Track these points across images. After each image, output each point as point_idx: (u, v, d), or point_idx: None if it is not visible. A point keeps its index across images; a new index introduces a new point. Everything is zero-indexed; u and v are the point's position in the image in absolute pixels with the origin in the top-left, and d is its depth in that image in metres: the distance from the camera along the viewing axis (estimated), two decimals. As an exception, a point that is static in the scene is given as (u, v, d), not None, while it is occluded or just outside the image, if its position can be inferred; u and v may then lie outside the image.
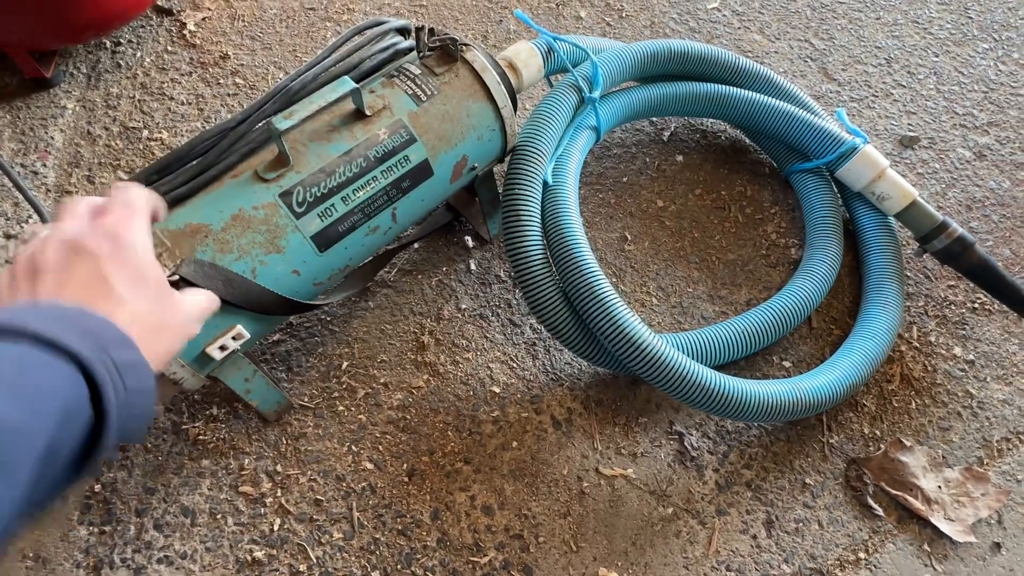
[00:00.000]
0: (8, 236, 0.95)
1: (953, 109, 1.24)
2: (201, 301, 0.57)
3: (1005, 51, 1.34)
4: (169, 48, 1.18)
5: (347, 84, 0.67)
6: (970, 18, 1.39)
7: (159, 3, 1.21)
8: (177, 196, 0.64)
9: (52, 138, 1.05)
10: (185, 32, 1.19)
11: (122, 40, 1.17)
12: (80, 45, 1.14)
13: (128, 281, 0.45)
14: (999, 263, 0.95)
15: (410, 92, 0.75)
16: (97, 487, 0.78)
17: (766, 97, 1.02)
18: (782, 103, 1.01)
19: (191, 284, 0.60)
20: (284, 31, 1.22)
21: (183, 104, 1.11)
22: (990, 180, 1.15)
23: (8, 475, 0.32)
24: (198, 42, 1.19)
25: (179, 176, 0.65)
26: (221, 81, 1.14)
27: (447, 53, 0.78)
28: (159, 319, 0.48)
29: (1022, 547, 0.83)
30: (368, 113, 0.72)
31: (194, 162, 0.66)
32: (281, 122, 0.64)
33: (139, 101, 1.11)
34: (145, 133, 1.07)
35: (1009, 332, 0.99)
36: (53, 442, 0.33)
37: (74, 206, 0.49)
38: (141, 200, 0.52)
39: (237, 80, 1.14)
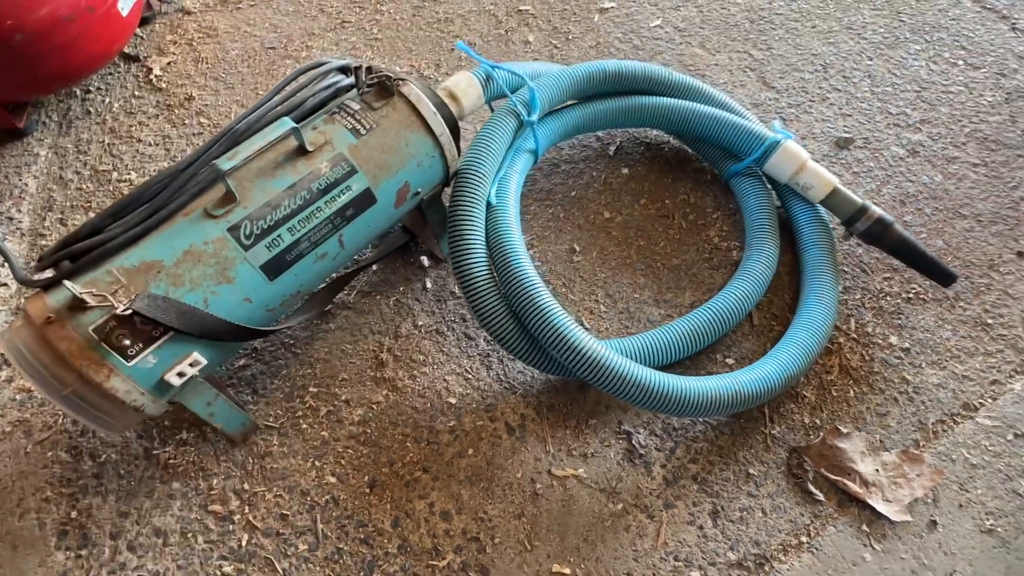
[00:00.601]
0: (-15, 280, 1.01)
1: (887, 109, 1.30)
2: None
3: (936, 51, 1.41)
4: (136, 93, 1.24)
5: (286, 124, 0.73)
6: (902, 21, 1.46)
7: (126, 51, 1.28)
8: (131, 236, 0.69)
9: (26, 184, 1.11)
10: (151, 77, 1.26)
11: (92, 88, 1.24)
12: (52, 95, 1.20)
13: None
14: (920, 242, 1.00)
15: (350, 127, 0.81)
16: (73, 513, 0.83)
17: (694, 104, 1.08)
18: (709, 108, 1.08)
19: (145, 318, 0.65)
20: (246, 71, 1.28)
21: (150, 145, 1.17)
22: (923, 175, 1.21)
23: None
24: (164, 85, 1.25)
25: (134, 217, 0.70)
26: (187, 121, 1.20)
27: (384, 88, 0.84)
28: None
29: (956, 523, 0.87)
30: (310, 149, 0.77)
31: (146, 204, 0.71)
32: (225, 163, 0.69)
33: (108, 145, 1.16)
34: (115, 175, 1.13)
35: (943, 319, 1.04)
36: None
37: None
38: None
39: (202, 120, 1.20)
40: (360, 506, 0.85)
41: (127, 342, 0.66)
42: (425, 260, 1.05)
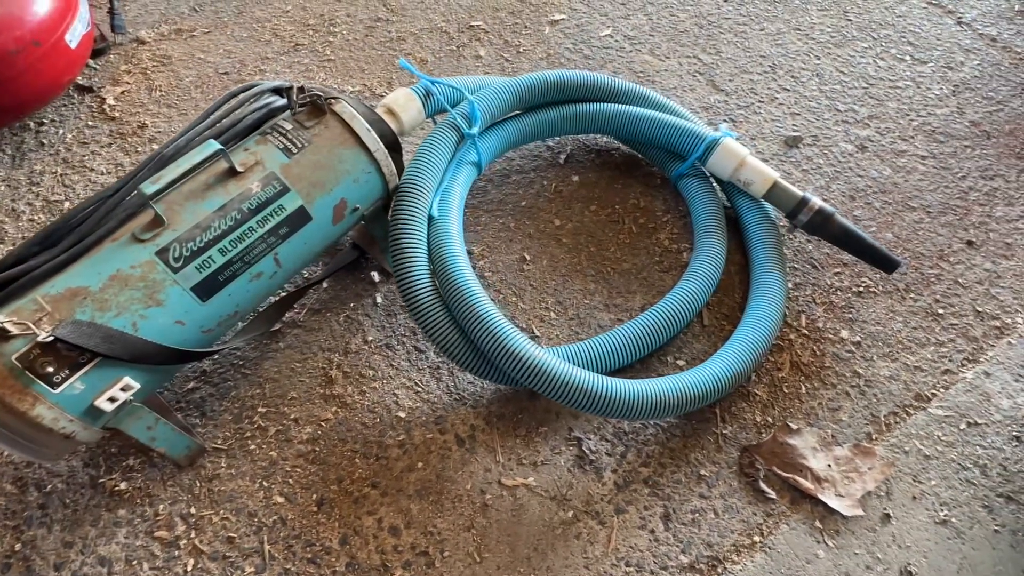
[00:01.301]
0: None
1: (835, 107, 1.32)
2: None
3: (883, 48, 1.43)
4: (90, 123, 1.25)
5: (212, 146, 0.74)
6: (849, 20, 1.49)
7: (80, 81, 1.29)
8: (56, 264, 0.69)
9: (-22, 218, 1.11)
10: (105, 106, 1.27)
11: (45, 120, 1.25)
12: (3, 128, 1.21)
13: None
14: (864, 232, 1.01)
15: (281, 146, 0.81)
16: (17, 546, 0.82)
17: (634, 108, 1.09)
18: (648, 111, 1.09)
19: (69, 344, 0.65)
20: (199, 96, 1.29)
21: (103, 174, 1.17)
22: (872, 170, 1.22)
23: None
24: (118, 114, 1.26)
25: (61, 245, 0.70)
26: (139, 149, 1.21)
27: (316, 107, 0.85)
28: None
29: (910, 515, 0.87)
30: (240, 169, 0.78)
31: (74, 231, 0.72)
32: (148, 187, 0.70)
33: (61, 175, 1.17)
34: (66, 204, 1.13)
35: (894, 311, 1.05)
36: None
37: None
38: None
39: (154, 146, 1.21)
40: (308, 525, 0.84)
41: (50, 369, 0.66)
42: (375, 275, 1.05)
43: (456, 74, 1.34)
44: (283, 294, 0.99)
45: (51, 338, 0.64)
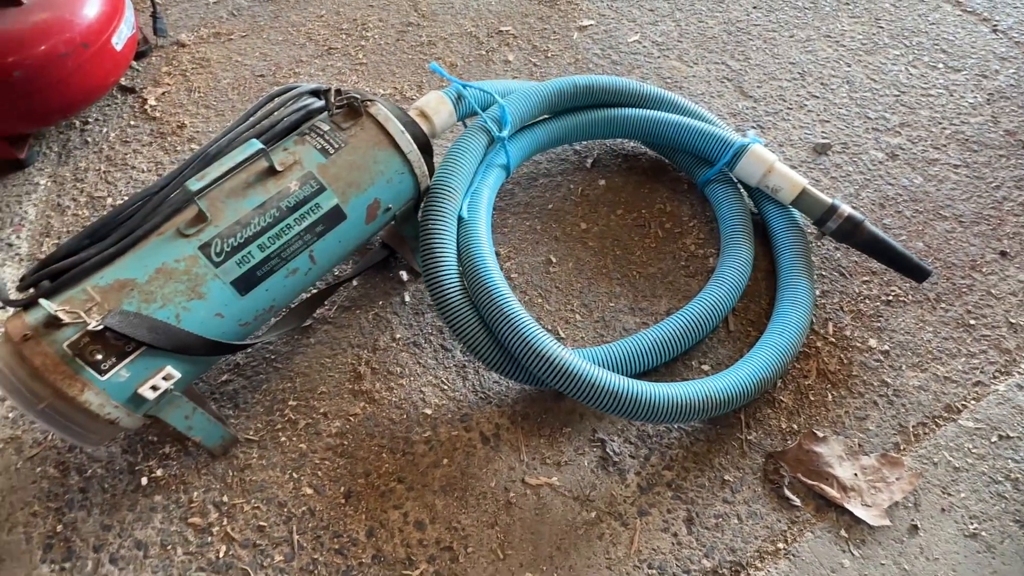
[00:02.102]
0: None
1: (866, 114, 1.31)
2: None
3: (916, 55, 1.41)
4: (132, 122, 1.29)
5: (254, 145, 0.76)
6: (881, 27, 1.47)
7: (123, 83, 1.34)
8: (106, 257, 0.72)
9: (26, 212, 1.16)
10: (146, 107, 1.31)
11: (90, 119, 1.29)
12: (51, 127, 1.26)
13: None
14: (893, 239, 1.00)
15: (319, 146, 0.84)
16: (59, 527, 0.85)
17: (662, 113, 1.10)
18: (677, 116, 1.10)
19: (117, 333, 0.68)
20: (236, 98, 1.33)
21: (144, 172, 1.21)
22: (902, 178, 1.21)
23: None
24: (158, 115, 1.30)
25: (109, 239, 0.74)
26: (178, 148, 1.25)
27: (353, 109, 0.87)
28: None
29: (939, 528, 0.85)
30: (280, 169, 0.81)
31: (122, 225, 0.75)
32: (194, 183, 0.73)
33: (104, 172, 1.22)
34: (109, 200, 1.17)
35: (924, 321, 1.03)
36: None
37: None
38: None
39: (193, 146, 1.25)
40: (336, 517, 0.86)
41: (100, 357, 0.68)
42: (404, 275, 1.07)
43: (485, 78, 1.36)
44: (314, 291, 1.02)
45: (101, 327, 0.67)
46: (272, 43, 1.44)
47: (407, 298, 1.05)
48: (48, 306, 0.67)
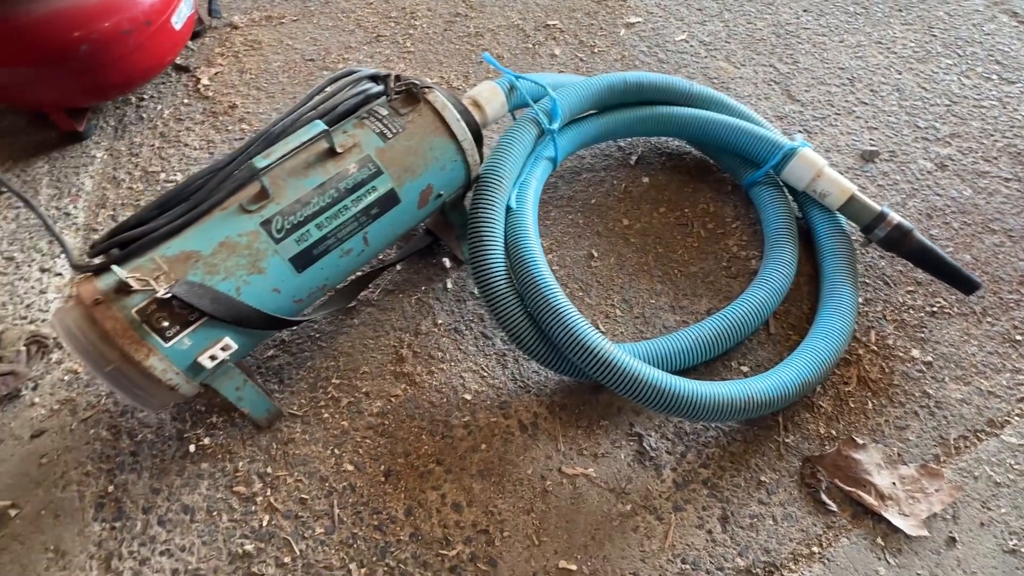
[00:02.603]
0: (43, 269, 1.09)
1: (915, 123, 1.29)
2: None
3: (969, 65, 1.39)
4: (186, 101, 1.32)
5: (318, 127, 0.78)
6: (934, 36, 1.45)
7: (178, 62, 1.37)
8: (173, 228, 0.74)
9: (83, 183, 1.19)
10: (200, 86, 1.34)
11: (145, 95, 1.33)
12: (109, 102, 1.30)
13: None
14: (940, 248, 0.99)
15: (377, 131, 0.85)
16: (110, 487, 0.88)
17: (711, 113, 1.10)
18: (726, 117, 1.09)
19: (182, 302, 0.70)
20: (286, 80, 1.36)
21: (196, 149, 1.24)
22: (951, 189, 1.19)
23: None
24: (211, 94, 1.33)
25: (176, 211, 0.76)
26: (230, 128, 1.28)
27: (411, 95, 0.88)
28: None
29: (977, 541, 0.85)
30: (339, 151, 0.82)
31: (189, 199, 0.77)
32: (260, 161, 0.75)
33: (158, 148, 1.25)
34: (163, 176, 1.21)
35: (969, 334, 1.02)
36: None
37: None
38: None
39: (243, 126, 1.28)
40: (375, 494, 0.88)
41: (165, 324, 0.71)
42: (447, 262, 1.09)
43: (531, 71, 1.37)
44: (359, 273, 1.04)
45: (168, 295, 0.69)
46: (322, 28, 1.46)
47: (449, 285, 1.07)
48: (119, 272, 0.69)
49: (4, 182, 0.73)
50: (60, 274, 1.08)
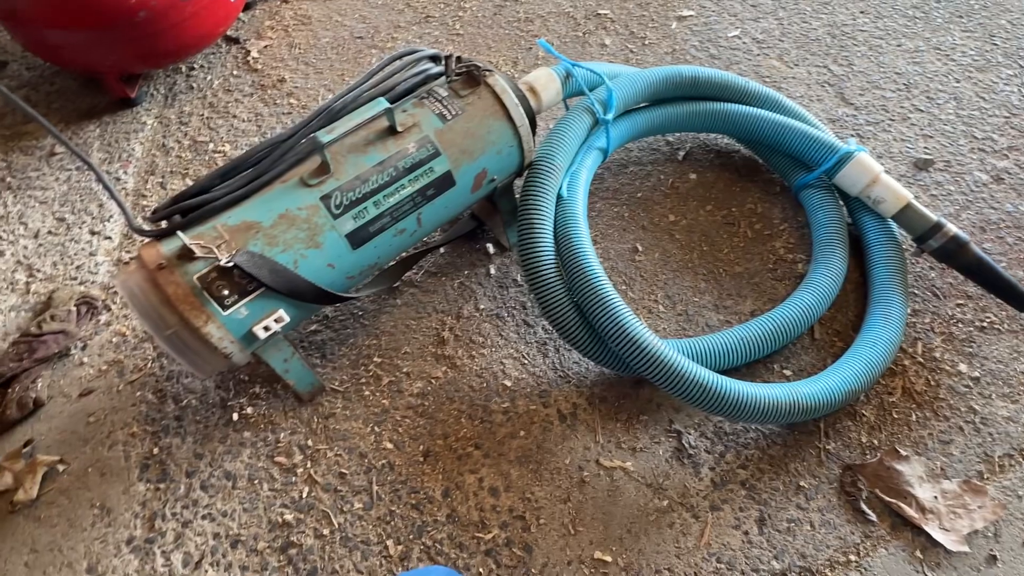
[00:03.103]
0: (94, 232, 1.10)
1: (972, 133, 1.26)
2: None
3: (1031, 77, 1.35)
4: (235, 72, 1.33)
5: (381, 104, 0.78)
6: (995, 44, 1.41)
7: (229, 33, 1.37)
8: (235, 197, 0.75)
9: (133, 149, 1.21)
10: (249, 58, 1.34)
11: (196, 65, 1.33)
12: (160, 70, 1.30)
13: None
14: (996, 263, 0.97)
15: (437, 111, 0.85)
16: (155, 449, 0.90)
17: (767, 112, 1.08)
18: (782, 117, 1.07)
19: (244, 270, 0.71)
20: (335, 57, 1.35)
21: (244, 121, 1.25)
22: (1007, 203, 1.17)
23: None
24: (260, 67, 1.33)
25: (238, 180, 0.76)
26: (278, 101, 1.28)
27: (472, 77, 0.88)
28: None
29: (1018, 561, 0.84)
30: (399, 129, 0.82)
31: (250, 169, 0.77)
32: (324, 136, 0.75)
33: (207, 118, 1.25)
34: (211, 146, 1.21)
35: (1019, 352, 1.00)
36: None
37: None
38: None
39: (291, 100, 1.28)
40: (413, 473, 0.88)
41: (225, 292, 0.71)
42: (490, 247, 1.09)
43: (580, 60, 1.35)
44: (405, 254, 1.04)
45: (231, 264, 0.70)
46: (372, 6, 1.45)
47: (492, 271, 1.07)
48: (184, 238, 0.70)
49: (68, 144, 0.74)
50: (109, 238, 1.10)
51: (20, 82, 1.28)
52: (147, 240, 0.74)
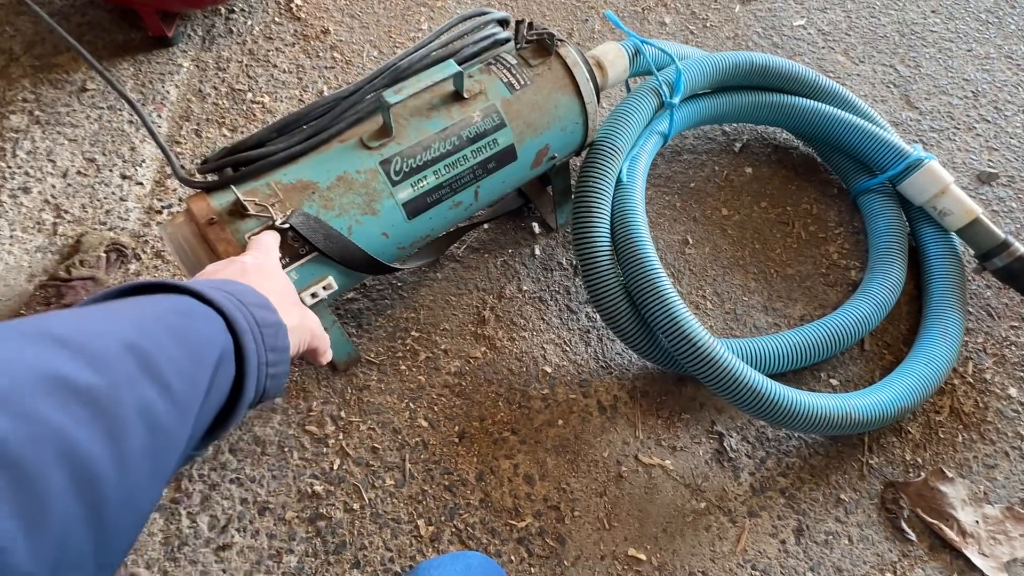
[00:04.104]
0: (124, 176, 1.06)
1: (1039, 149, 1.21)
2: (316, 323, 0.56)
3: (1103, 96, 1.30)
4: (276, 19, 1.26)
5: (451, 67, 0.73)
6: (1069, 58, 1.35)
7: (271, -23, 1.30)
8: (292, 154, 0.71)
9: (167, 92, 1.15)
10: (292, 5, 1.28)
11: (236, 8, 1.27)
12: (200, 10, 1.24)
13: (272, 290, 0.46)
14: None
15: (505, 80, 0.80)
16: (183, 409, 0.87)
17: (836, 109, 1.03)
18: (852, 116, 1.03)
19: (298, 233, 0.67)
20: (382, 12, 1.29)
21: (285, 72, 1.19)
22: (1070, 225, 1.13)
23: (181, 419, 0.31)
24: (303, 16, 1.27)
25: (295, 136, 0.72)
26: (320, 54, 1.22)
27: (543, 47, 0.83)
28: (297, 317, 0.49)
29: (1057, 592, 0.82)
30: (465, 96, 0.77)
31: (308, 125, 0.73)
32: (391, 96, 0.70)
33: (246, 66, 1.20)
34: (249, 96, 1.16)
35: (1070, 380, 0.98)
36: (209, 390, 0.33)
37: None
38: (273, 242, 0.62)
39: (335, 55, 1.22)
40: (448, 454, 0.86)
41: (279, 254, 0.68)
42: (536, 227, 1.05)
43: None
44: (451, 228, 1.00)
45: (286, 225, 0.66)
46: (422, -39, 1.38)
47: (537, 252, 1.03)
48: (239, 194, 0.66)
49: (112, 83, 0.69)
50: (141, 183, 1.05)
51: (50, 10, 1.22)
52: (195, 192, 0.70)
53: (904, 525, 0.85)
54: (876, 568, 0.83)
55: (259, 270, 0.51)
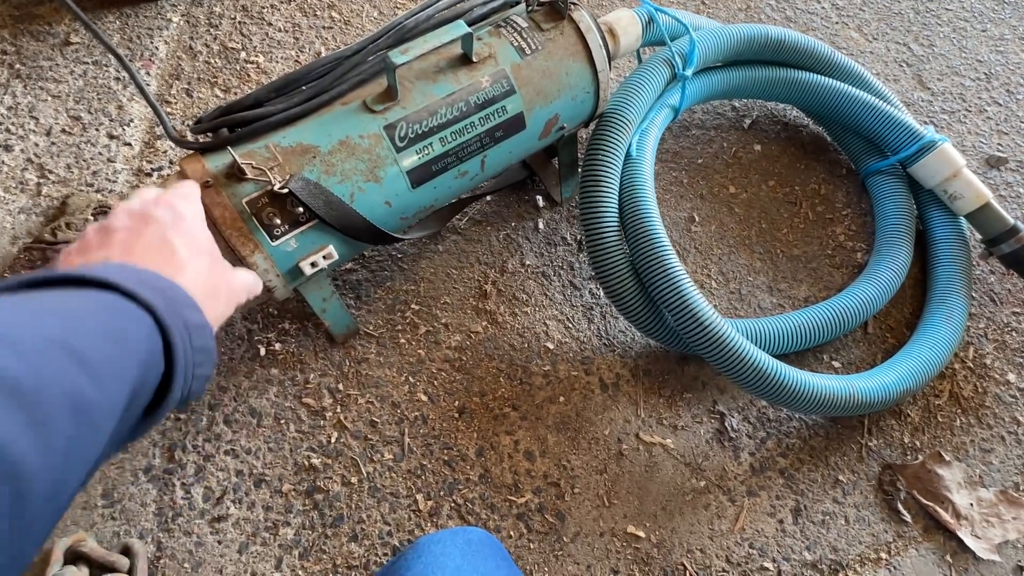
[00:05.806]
0: (112, 136, 1.01)
1: (1049, 135, 1.20)
2: (248, 278, 0.58)
3: (1115, 81, 1.28)
4: (271, -26, 1.20)
5: (461, 28, 0.69)
6: (1083, 42, 1.33)
7: (266, -72, 1.23)
8: (291, 115, 0.67)
9: (157, 48, 1.10)
10: (288, -40, 1.22)
11: (228, -39, 1.20)
12: (189, -39, 1.17)
13: (187, 248, 0.47)
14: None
15: (515, 44, 0.76)
16: (176, 378, 0.85)
17: (850, 87, 1.00)
18: (867, 95, 1.00)
19: (298, 199, 0.64)
20: (382, -29, 1.23)
21: (280, 31, 1.14)
22: (1076, 212, 1.12)
23: (109, 415, 0.31)
24: (299, -28, 1.21)
25: (294, 96, 0.68)
26: (318, 13, 1.17)
27: (555, 10, 0.79)
28: (214, 285, 0.49)
29: (1045, 574, 0.84)
30: (474, 59, 0.74)
31: (308, 86, 0.69)
32: (397, 57, 0.66)
33: (239, 23, 1.14)
34: (243, 55, 1.11)
35: (1068, 367, 0.98)
36: (136, 389, 0.33)
37: (141, 191, 0.53)
38: (194, 189, 0.58)
39: (333, 14, 1.17)
40: (447, 429, 0.85)
41: (276, 221, 0.65)
42: (540, 200, 1.02)
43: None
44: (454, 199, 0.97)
45: (286, 190, 0.63)
46: (425, -83, 1.31)
47: (540, 226, 1.01)
48: (235, 156, 0.62)
49: (99, 36, 0.65)
50: (129, 144, 1.01)
51: (29, -43, 1.15)
52: (188, 153, 0.67)
53: (900, 507, 0.86)
54: (871, 548, 0.84)
55: (178, 232, 0.48)
